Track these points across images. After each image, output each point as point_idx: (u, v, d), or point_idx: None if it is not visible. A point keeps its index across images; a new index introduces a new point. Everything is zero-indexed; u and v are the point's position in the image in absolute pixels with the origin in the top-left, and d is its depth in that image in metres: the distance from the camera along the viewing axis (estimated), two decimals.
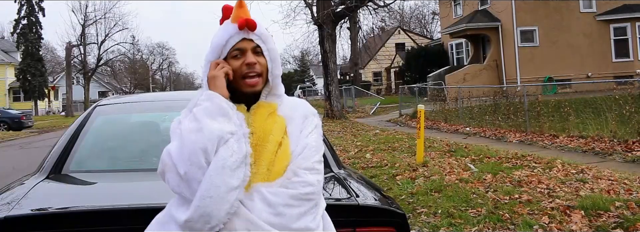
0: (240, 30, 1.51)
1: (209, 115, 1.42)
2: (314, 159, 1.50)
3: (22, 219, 1.88)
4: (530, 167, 6.87)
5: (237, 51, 1.52)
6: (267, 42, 1.56)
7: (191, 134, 1.39)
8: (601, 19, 24.91)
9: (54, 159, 2.60)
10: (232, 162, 1.38)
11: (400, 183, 6.27)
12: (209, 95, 1.46)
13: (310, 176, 1.47)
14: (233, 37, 1.52)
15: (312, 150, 1.51)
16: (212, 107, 1.43)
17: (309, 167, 1.48)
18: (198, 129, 1.40)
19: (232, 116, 1.45)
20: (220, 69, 1.50)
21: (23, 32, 44.82)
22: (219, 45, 1.53)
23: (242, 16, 1.51)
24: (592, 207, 4.57)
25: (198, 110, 1.44)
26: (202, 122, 1.40)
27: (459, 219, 4.56)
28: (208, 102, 1.44)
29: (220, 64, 1.52)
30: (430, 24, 59.55)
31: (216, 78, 1.49)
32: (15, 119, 26.77)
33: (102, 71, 61.28)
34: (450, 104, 16.47)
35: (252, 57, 1.52)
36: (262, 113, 1.53)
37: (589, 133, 9.65)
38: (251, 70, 1.51)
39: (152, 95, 3.90)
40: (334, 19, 19.75)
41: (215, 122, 1.41)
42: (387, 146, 10.19)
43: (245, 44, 1.53)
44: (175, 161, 1.40)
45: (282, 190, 1.43)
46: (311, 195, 1.46)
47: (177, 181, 1.40)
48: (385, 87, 43.70)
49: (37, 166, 2.70)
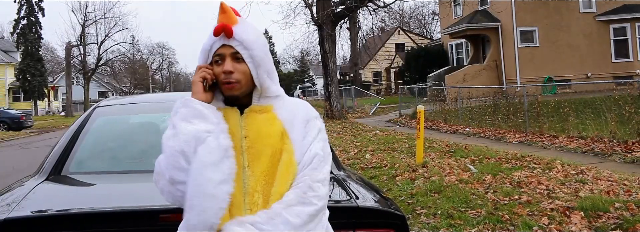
0: (215, 36, 1.51)
1: (184, 119, 1.44)
2: (325, 169, 1.50)
3: (22, 221, 1.88)
4: (529, 168, 6.87)
5: (218, 57, 1.53)
6: (251, 48, 1.51)
7: (169, 141, 1.43)
8: (601, 19, 24.92)
9: (54, 161, 2.60)
10: (213, 159, 1.39)
11: (400, 184, 6.28)
12: (184, 102, 1.48)
13: (323, 188, 1.48)
14: (215, 42, 1.52)
15: (322, 160, 1.51)
16: (187, 112, 1.45)
17: (322, 180, 1.49)
18: (174, 134, 1.43)
19: (208, 116, 1.45)
20: (199, 75, 1.51)
21: (23, 32, 44.83)
22: (205, 51, 1.54)
23: (222, 22, 1.51)
24: (591, 208, 4.57)
25: (174, 117, 1.47)
26: (178, 127, 1.43)
27: (458, 220, 4.56)
28: (184, 108, 1.47)
29: (201, 69, 1.53)
30: (430, 24, 59.59)
31: (194, 84, 1.51)
32: (15, 119, 26.76)
33: (102, 71, 61.27)
34: (450, 105, 16.47)
35: (229, 64, 1.50)
36: (255, 116, 1.52)
37: (588, 134, 9.65)
38: (227, 78, 1.50)
39: (152, 97, 3.90)
40: (334, 19, 19.75)
41: (190, 125, 1.43)
42: (386, 146, 10.19)
43: (225, 50, 1.52)
44: (162, 169, 1.44)
45: (301, 209, 1.42)
46: (324, 208, 1.48)
47: (168, 187, 1.44)
48: (385, 88, 43.70)
49: (36, 166, 2.70)
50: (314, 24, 20.71)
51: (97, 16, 46.74)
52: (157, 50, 76.44)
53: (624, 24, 24.75)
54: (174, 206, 1.77)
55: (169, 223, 1.66)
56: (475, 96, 15.63)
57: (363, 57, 41.62)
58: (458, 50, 30.08)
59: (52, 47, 61.11)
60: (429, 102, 17.89)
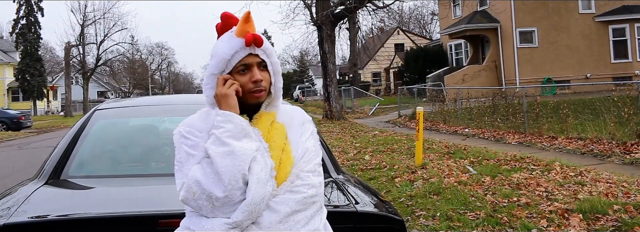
0: (247, 46, 1.51)
1: (234, 137, 1.44)
2: (315, 161, 1.55)
3: (21, 227, 1.88)
4: (528, 169, 6.88)
5: (243, 66, 1.53)
6: (271, 56, 1.57)
7: (225, 160, 1.41)
8: (600, 20, 24.95)
9: (53, 164, 2.59)
10: (264, 176, 1.43)
11: (399, 185, 6.28)
12: (227, 116, 1.47)
13: (313, 177, 1.51)
14: (239, 52, 1.51)
15: (313, 153, 1.56)
16: (235, 129, 1.45)
17: (311, 170, 1.52)
18: (229, 152, 1.41)
19: (251, 134, 1.48)
20: (230, 87, 1.51)
21: (22, 32, 44.82)
22: (224, 60, 1.52)
23: (249, 31, 1.51)
24: (590, 210, 4.58)
25: (222, 134, 1.44)
26: (231, 145, 1.42)
27: (457, 222, 4.57)
28: (229, 124, 1.45)
29: (230, 81, 1.52)
30: (430, 25, 59.64)
31: (228, 97, 1.49)
32: (14, 119, 26.72)
33: (101, 71, 61.28)
34: (449, 105, 16.47)
35: (258, 73, 1.53)
36: (265, 122, 1.56)
37: (587, 135, 9.66)
38: (257, 86, 1.52)
39: (152, 99, 3.89)
40: (333, 19, 19.75)
41: (242, 143, 1.43)
42: (386, 147, 10.19)
43: (251, 59, 1.53)
44: (207, 187, 1.41)
45: (288, 197, 1.46)
46: (315, 197, 1.50)
47: (210, 206, 1.42)
48: (384, 88, 43.70)
49: (35, 167, 2.70)
50: (313, 24, 20.71)
51: (97, 16, 46.71)
52: (156, 50, 76.56)
53: (623, 25, 24.78)
54: (173, 211, 1.78)
55: (169, 228, 1.66)
56: (474, 97, 15.64)
57: (362, 57, 41.62)
58: (457, 51, 30.10)
59: (51, 47, 61.27)
60: (428, 103, 17.90)
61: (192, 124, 1.55)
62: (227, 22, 1.58)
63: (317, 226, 1.49)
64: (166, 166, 2.47)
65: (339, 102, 20.80)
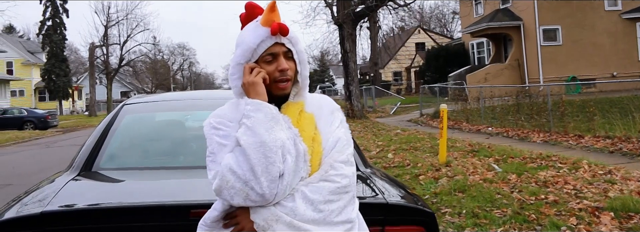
0: (273, 35, 1.51)
1: (264, 127, 1.43)
2: (348, 151, 1.54)
3: (58, 214, 1.92)
4: (555, 167, 6.76)
5: (270, 56, 1.53)
6: (297, 45, 1.56)
7: (257, 152, 1.40)
8: (627, 17, 24.41)
9: (85, 157, 2.63)
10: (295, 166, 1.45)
11: (423, 183, 6.23)
12: (256, 105, 1.46)
13: (346, 168, 1.51)
14: (265, 41, 1.51)
15: (345, 143, 1.55)
16: (265, 118, 1.44)
17: (344, 160, 1.51)
18: (261, 143, 1.41)
19: (281, 121, 1.48)
20: (257, 75, 1.50)
21: (48, 33, 45.71)
22: (250, 49, 1.52)
23: (275, 20, 1.51)
24: (622, 208, 4.48)
25: (253, 123, 1.43)
26: (263, 136, 1.41)
27: (484, 219, 4.51)
28: (259, 113, 1.45)
29: (256, 69, 1.51)
30: (451, 24, 59.13)
31: (256, 84, 1.49)
32: (41, 118, 27.36)
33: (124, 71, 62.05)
34: (472, 104, 16.29)
35: (285, 62, 1.53)
36: (293, 112, 1.55)
37: (615, 133, 9.46)
38: (283, 75, 1.52)
39: (178, 94, 3.94)
40: (354, 18, 19.72)
41: (273, 133, 1.43)
42: (408, 145, 10.13)
43: (278, 48, 1.53)
44: (243, 177, 1.40)
45: (322, 185, 1.45)
46: (348, 187, 1.49)
47: (243, 195, 1.41)
48: (405, 87, 43.48)
49: (63, 164, 2.74)
50: (334, 23, 20.72)
51: (120, 17, 47.42)
52: (177, 51, 77.38)
53: None
54: (204, 202, 1.78)
55: (200, 218, 1.67)
56: (497, 96, 15.45)
57: (383, 56, 41.45)
58: (479, 50, 29.77)
59: (75, 48, 62.31)
60: (451, 102, 17.73)
61: (222, 115, 1.56)
62: (251, 12, 1.58)
63: (350, 216, 1.48)
64: (195, 159, 2.49)
65: (360, 101, 20.76)
